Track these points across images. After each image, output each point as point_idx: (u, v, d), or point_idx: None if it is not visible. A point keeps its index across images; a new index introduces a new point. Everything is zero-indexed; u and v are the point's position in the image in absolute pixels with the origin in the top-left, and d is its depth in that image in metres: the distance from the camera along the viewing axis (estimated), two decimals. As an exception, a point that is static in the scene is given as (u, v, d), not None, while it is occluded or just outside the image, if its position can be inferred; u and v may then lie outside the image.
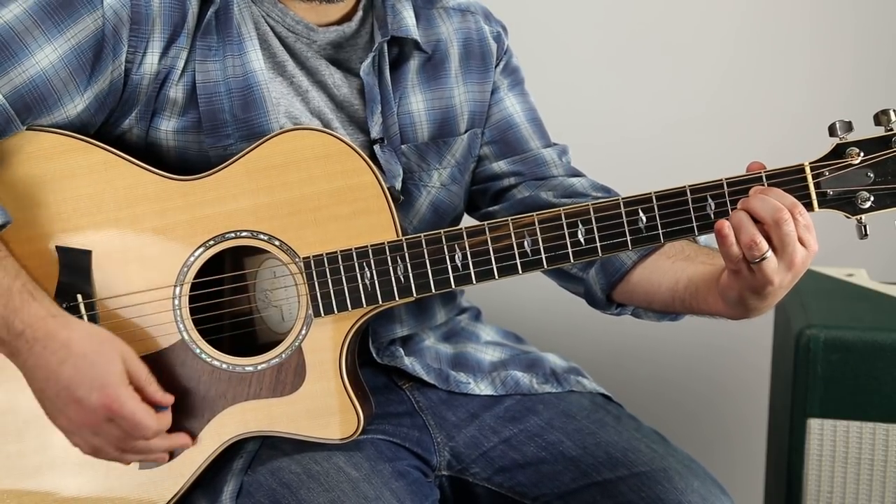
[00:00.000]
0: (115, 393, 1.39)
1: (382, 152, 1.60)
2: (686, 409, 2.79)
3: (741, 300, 1.39)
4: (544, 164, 1.72)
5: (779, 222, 1.32)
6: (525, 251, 1.44)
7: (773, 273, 1.33)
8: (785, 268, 1.34)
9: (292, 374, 1.48)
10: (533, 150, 1.72)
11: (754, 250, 1.32)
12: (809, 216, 1.35)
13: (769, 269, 1.33)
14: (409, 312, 1.69)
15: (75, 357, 1.38)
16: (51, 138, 1.47)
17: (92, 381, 1.38)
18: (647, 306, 1.61)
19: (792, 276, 1.35)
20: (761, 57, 2.61)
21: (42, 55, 1.42)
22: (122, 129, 1.52)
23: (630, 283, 1.59)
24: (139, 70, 1.48)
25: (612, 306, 1.64)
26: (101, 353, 1.39)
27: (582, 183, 1.70)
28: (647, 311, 1.63)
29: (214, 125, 1.52)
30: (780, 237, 1.32)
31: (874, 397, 1.98)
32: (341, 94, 1.60)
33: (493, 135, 1.73)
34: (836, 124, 1.37)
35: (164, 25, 1.48)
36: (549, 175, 1.71)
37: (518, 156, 1.72)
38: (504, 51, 1.75)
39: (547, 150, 1.73)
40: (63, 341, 1.38)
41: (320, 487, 1.44)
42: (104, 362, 1.39)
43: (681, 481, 1.54)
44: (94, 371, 1.38)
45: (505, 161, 1.72)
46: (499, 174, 1.72)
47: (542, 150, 1.73)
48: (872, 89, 2.53)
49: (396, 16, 1.61)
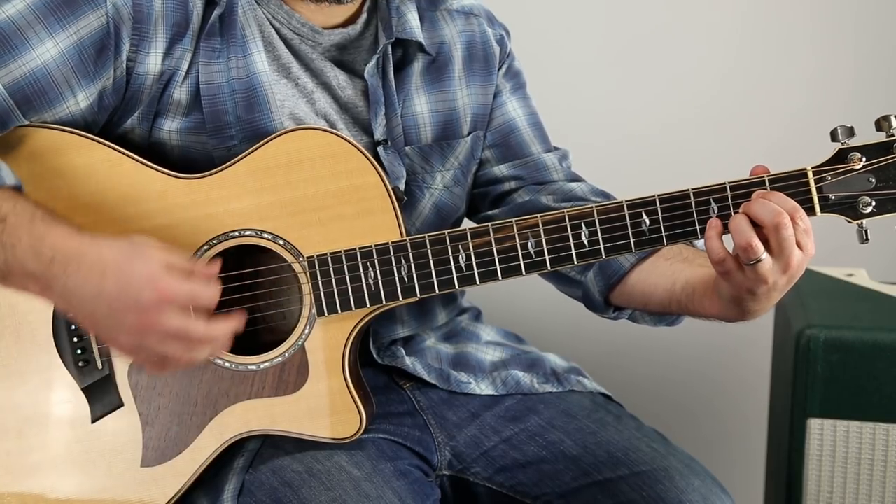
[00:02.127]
0: (165, 282, 1.32)
1: (386, 154, 1.60)
2: (686, 409, 2.79)
3: (736, 300, 1.40)
4: (545, 168, 1.72)
5: (778, 227, 1.32)
6: (529, 252, 1.44)
7: (767, 274, 1.34)
8: (780, 270, 1.35)
9: (295, 373, 1.49)
10: (534, 155, 1.73)
11: (750, 253, 1.32)
12: (809, 220, 1.35)
13: (764, 270, 1.34)
14: (410, 313, 1.69)
15: (113, 266, 1.32)
16: (54, 135, 1.47)
17: (138, 281, 1.32)
18: (644, 308, 1.61)
19: (787, 278, 1.36)
20: (763, 58, 2.61)
21: (43, 49, 1.43)
22: (125, 128, 1.52)
23: (627, 285, 1.59)
24: (142, 69, 1.48)
25: (610, 309, 1.65)
26: (135, 255, 1.33)
27: (581, 188, 1.70)
28: (643, 315, 1.64)
29: (218, 126, 1.52)
30: (779, 241, 1.33)
31: (874, 397, 1.98)
32: (346, 95, 1.60)
33: (494, 138, 1.73)
34: (837, 129, 1.38)
35: (166, 26, 1.48)
36: (549, 180, 1.72)
37: (519, 160, 1.72)
38: (507, 54, 1.75)
39: (548, 154, 1.73)
40: (95, 255, 1.33)
41: (322, 486, 1.44)
42: (142, 262, 1.33)
43: (681, 480, 1.54)
44: (136, 272, 1.32)
45: (506, 165, 1.72)
46: (500, 178, 1.73)
47: (543, 154, 1.73)
48: (874, 90, 2.53)
49: (401, 18, 1.61)
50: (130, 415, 1.50)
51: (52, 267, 1.32)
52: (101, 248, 1.33)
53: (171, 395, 1.50)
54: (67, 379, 1.49)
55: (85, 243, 1.33)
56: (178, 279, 1.33)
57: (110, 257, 1.33)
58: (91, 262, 1.32)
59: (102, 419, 1.50)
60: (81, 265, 1.32)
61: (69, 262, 1.32)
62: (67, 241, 1.33)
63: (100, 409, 1.50)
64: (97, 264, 1.32)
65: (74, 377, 1.49)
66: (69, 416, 1.50)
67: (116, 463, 1.50)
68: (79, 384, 1.49)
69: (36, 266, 1.33)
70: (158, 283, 1.32)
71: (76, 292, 1.33)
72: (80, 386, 1.49)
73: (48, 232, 1.34)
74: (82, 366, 1.49)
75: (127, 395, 1.50)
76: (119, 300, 1.32)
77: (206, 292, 1.35)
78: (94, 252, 1.33)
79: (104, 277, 1.32)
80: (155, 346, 1.35)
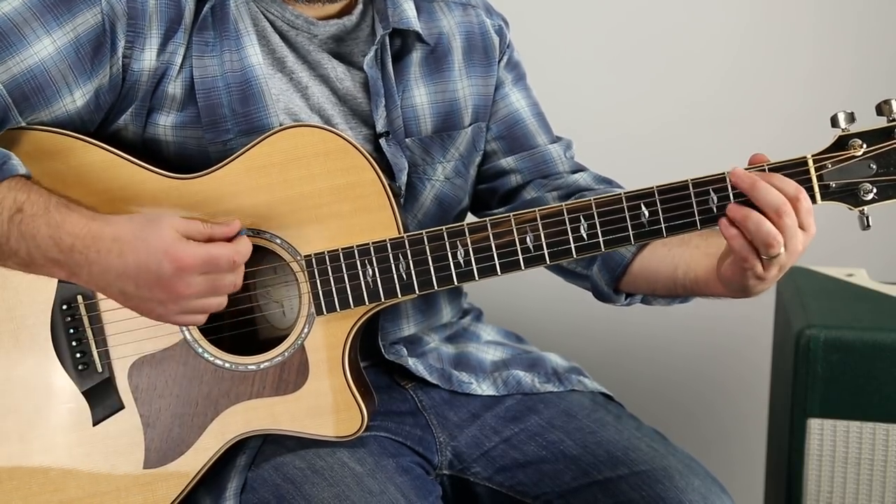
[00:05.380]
0: (179, 249, 1.35)
1: (388, 145, 1.60)
2: (686, 408, 2.79)
3: (743, 287, 1.41)
4: (551, 160, 1.73)
5: (781, 214, 1.33)
6: (527, 247, 1.44)
7: (781, 261, 1.36)
8: (788, 253, 1.36)
9: (295, 372, 1.48)
10: (540, 147, 1.73)
11: (775, 248, 1.34)
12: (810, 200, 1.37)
13: (780, 260, 1.36)
14: (415, 308, 1.69)
15: (129, 244, 1.36)
16: (49, 137, 1.47)
17: (155, 255, 1.35)
18: (653, 293, 1.62)
19: (792, 258, 1.37)
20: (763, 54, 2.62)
21: (40, 46, 1.43)
22: (118, 125, 1.52)
23: (632, 275, 1.60)
24: (137, 66, 1.48)
25: (622, 297, 1.65)
26: (149, 228, 1.37)
27: (584, 178, 1.71)
28: (655, 298, 1.64)
29: (213, 120, 1.52)
30: (782, 227, 1.34)
31: (874, 397, 1.98)
32: (344, 87, 1.60)
33: (500, 131, 1.73)
34: (838, 115, 1.37)
35: (160, 21, 1.49)
36: (554, 172, 1.72)
37: (525, 152, 1.73)
38: (507, 45, 1.76)
39: (553, 146, 1.74)
40: (111, 236, 1.36)
41: (325, 482, 1.44)
42: (155, 233, 1.36)
43: (681, 480, 1.54)
44: (151, 247, 1.35)
45: (513, 157, 1.73)
46: (506, 170, 1.73)
47: (549, 146, 1.74)
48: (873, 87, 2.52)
49: (397, 8, 1.62)
50: (132, 417, 1.50)
51: (73, 254, 1.37)
52: (117, 227, 1.37)
53: (172, 396, 1.50)
54: (68, 382, 1.49)
55: (100, 226, 1.37)
56: (192, 246, 1.37)
57: (126, 236, 1.36)
58: (108, 244, 1.36)
59: (104, 422, 1.50)
60: (101, 249, 1.36)
61: (89, 247, 1.36)
62: (83, 230, 1.37)
63: (101, 412, 1.50)
64: (115, 245, 1.36)
65: (74, 380, 1.49)
66: (71, 419, 1.50)
67: (119, 465, 1.50)
68: (79, 387, 1.49)
69: (58, 254, 1.37)
70: (175, 253, 1.35)
71: (102, 276, 1.38)
72: (81, 389, 1.49)
73: (65, 220, 1.37)
74: (82, 369, 1.49)
75: (127, 397, 1.50)
76: (141, 277, 1.36)
77: (225, 252, 1.38)
78: (110, 233, 1.37)
79: (123, 257, 1.36)
80: (191, 307, 1.40)
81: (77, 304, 1.48)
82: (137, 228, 1.37)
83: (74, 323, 1.49)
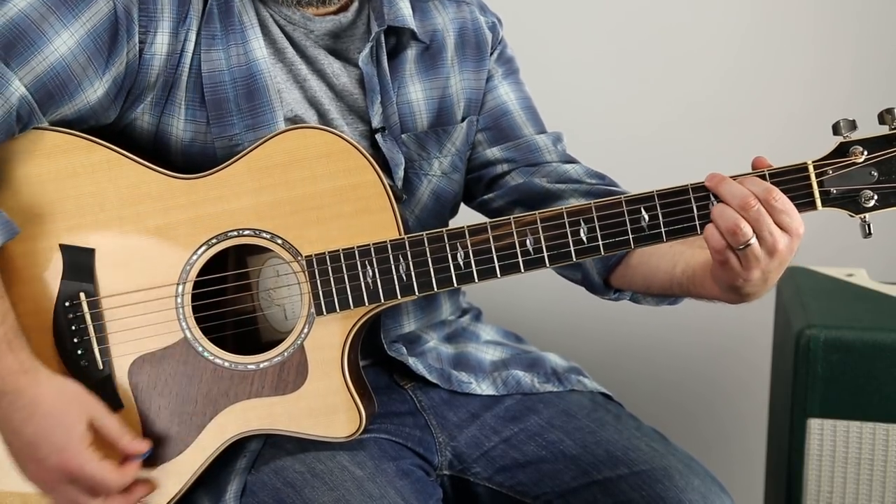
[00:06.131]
0: (74, 456, 1.40)
1: (384, 141, 1.60)
2: (686, 408, 2.79)
3: (732, 286, 1.40)
4: (537, 150, 1.72)
5: (745, 207, 1.33)
6: (527, 250, 1.44)
7: (759, 257, 1.34)
8: (766, 253, 1.34)
9: (294, 372, 1.48)
10: (526, 137, 1.73)
11: (739, 236, 1.33)
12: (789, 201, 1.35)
13: (754, 254, 1.34)
14: (416, 304, 1.69)
15: (39, 417, 1.39)
16: (54, 137, 1.47)
17: (52, 444, 1.40)
18: (646, 290, 1.60)
19: (778, 262, 1.36)
20: (763, 54, 2.62)
21: (60, 41, 1.43)
22: (135, 114, 1.53)
23: (629, 267, 1.59)
24: (151, 49, 1.49)
25: (611, 291, 1.64)
26: (66, 414, 1.41)
27: (576, 169, 1.70)
28: (645, 296, 1.63)
29: (220, 114, 1.52)
30: (751, 220, 1.33)
31: (874, 397, 1.98)
32: (340, 83, 1.60)
33: (486, 122, 1.73)
34: (840, 123, 1.37)
35: (171, 5, 1.49)
36: (542, 161, 1.71)
37: (511, 142, 1.72)
38: (499, 40, 1.76)
39: (540, 136, 1.73)
40: (30, 399, 1.39)
41: (325, 486, 1.44)
42: (68, 424, 1.40)
43: (681, 479, 1.54)
44: (55, 433, 1.40)
45: (498, 147, 1.72)
46: (492, 160, 1.73)
47: (536, 136, 1.73)
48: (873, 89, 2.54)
49: (392, 6, 1.62)
50: (131, 415, 1.50)
51: None
52: (39, 392, 1.41)
53: (171, 395, 1.50)
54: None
55: (27, 383, 1.41)
56: (88, 458, 1.41)
57: (42, 407, 1.41)
58: (23, 403, 1.40)
59: (103, 420, 1.50)
60: (13, 403, 1.40)
61: (4, 395, 1.40)
62: (11, 377, 1.39)
63: (101, 411, 1.50)
64: (27, 408, 1.40)
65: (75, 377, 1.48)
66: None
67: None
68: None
69: None
70: (67, 454, 1.41)
71: (4, 420, 1.41)
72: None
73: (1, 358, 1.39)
74: (83, 366, 1.49)
75: (127, 395, 1.50)
76: (29, 448, 1.42)
77: (109, 480, 1.43)
78: (31, 395, 1.40)
79: (26, 423, 1.40)
80: (50, 494, 1.45)
81: (80, 301, 1.48)
82: (57, 406, 1.40)
83: (76, 320, 1.49)
